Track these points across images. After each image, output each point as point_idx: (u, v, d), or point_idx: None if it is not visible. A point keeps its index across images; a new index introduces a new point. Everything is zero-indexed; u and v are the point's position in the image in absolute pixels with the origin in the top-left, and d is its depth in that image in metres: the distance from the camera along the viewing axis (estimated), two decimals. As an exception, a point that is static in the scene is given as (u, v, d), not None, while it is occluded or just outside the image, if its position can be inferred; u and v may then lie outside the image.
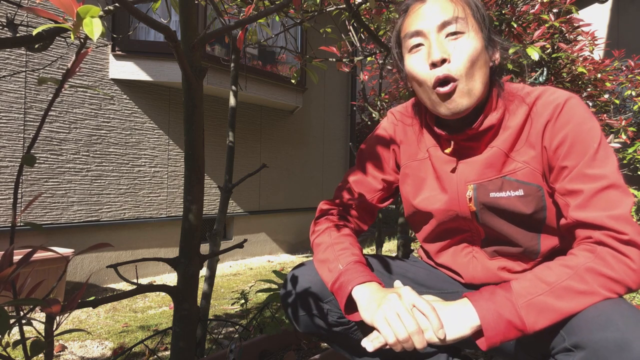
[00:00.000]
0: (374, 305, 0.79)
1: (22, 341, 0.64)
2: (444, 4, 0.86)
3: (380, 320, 0.76)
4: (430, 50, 0.85)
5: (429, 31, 0.85)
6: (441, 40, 0.85)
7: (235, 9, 1.78)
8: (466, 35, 0.84)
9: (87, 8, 0.59)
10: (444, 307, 0.77)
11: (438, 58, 0.83)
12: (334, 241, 0.97)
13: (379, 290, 0.83)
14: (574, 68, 2.30)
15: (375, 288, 0.84)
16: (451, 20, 0.84)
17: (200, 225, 0.87)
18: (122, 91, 3.46)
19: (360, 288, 0.85)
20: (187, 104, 0.84)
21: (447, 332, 0.73)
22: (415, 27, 0.87)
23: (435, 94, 0.86)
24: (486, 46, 0.87)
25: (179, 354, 0.88)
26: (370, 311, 0.79)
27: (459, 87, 0.83)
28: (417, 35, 0.87)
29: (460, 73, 0.83)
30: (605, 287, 0.71)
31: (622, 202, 0.75)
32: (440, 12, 0.85)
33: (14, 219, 0.67)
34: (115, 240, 3.43)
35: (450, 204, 0.94)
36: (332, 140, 5.69)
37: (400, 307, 0.75)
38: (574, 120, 0.81)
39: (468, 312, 0.74)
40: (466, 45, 0.84)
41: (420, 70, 0.87)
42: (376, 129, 1.09)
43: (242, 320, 2.31)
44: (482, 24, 0.87)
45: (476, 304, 0.74)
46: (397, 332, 0.73)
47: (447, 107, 0.85)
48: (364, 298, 0.83)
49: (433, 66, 0.84)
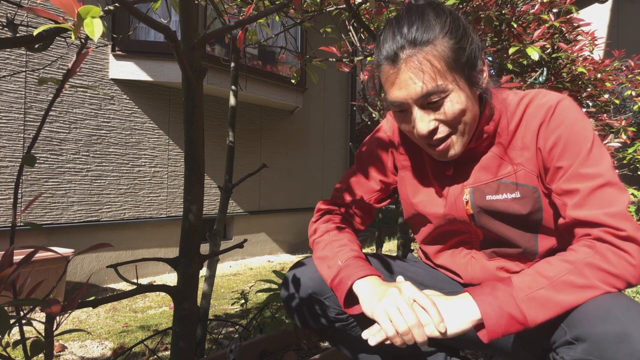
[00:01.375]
0: (375, 298, 0.80)
1: (22, 341, 0.64)
2: (417, 72, 0.79)
3: (380, 313, 0.77)
4: (416, 125, 0.84)
5: (410, 104, 0.82)
6: (423, 113, 0.82)
7: (235, 9, 1.78)
8: (449, 96, 0.81)
9: (87, 8, 0.59)
10: (445, 301, 0.77)
11: (425, 133, 0.83)
12: (333, 239, 0.98)
13: (380, 284, 0.84)
14: (574, 68, 2.30)
15: (376, 281, 0.85)
16: (429, 92, 0.79)
17: (200, 225, 0.87)
18: (122, 91, 3.46)
19: (361, 282, 0.86)
20: (187, 104, 0.84)
21: (447, 326, 0.74)
22: (395, 98, 0.83)
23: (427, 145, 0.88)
24: (471, 87, 0.83)
25: (179, 354, 0.88)
26: (372, 304, 0.80)
27: (452, 140, 0.85)
28: (399, 107, 0.85)
29: (452, 132, 0.84)
30: (605, 282, 0.72)
31: (618, 199, 0.76)
32: (416, 84, 0.79)
33: (14, 219, 0.67)
34: (115, 240, 3.43)
35: (448, 208, 0.95)
36: (332, 140, 5.69)
37: (400, 301, 0.76)
38: (566, 121, 0.82)
39: (469, 306, 0.75)
40: (451, 107, 0.81)
41: (409, 131, 0.88)
42: (375, 130, 1.10)
43: (242, 320, 2.31)
44: (461, 69, 0.81)
45: (477, 298, 0.75)
46: (398, 325, 0.74)
47: (443, 157, 0.88)
48: (365, 291, 0.84)
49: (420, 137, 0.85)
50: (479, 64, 0.85)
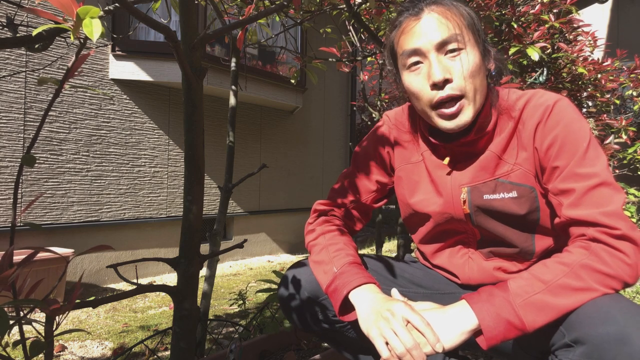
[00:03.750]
0: (371, 317, 0.80)
1: (22, 341, 0.64)
2: (439, 20, 0.84)
3: (376, 336, 0.77)
4: (431, 71, 0.84)
5: (428, 50, 0.84)
6: (441, 59, 0.84)
7: (235, 9, 1.78)
8: (465, 50, 0.84)
9: (86, 9, 0.59)
10: (440, 315, 0.77)
11: (440, 79, 0.82)
12: (328, 242, 0.97)
13: (376, 297, 0.83)
14: (574, 68, 2.30)
15: (372, 292, 0.85)
16: (449, 39, 0.83)
17: (200, 225, 0.87)
18: (122, 91, 3.46)
19: (357, 292, 0.86)
20: (187, 104, 0.84)
21: (444, 342, 0.74)
22: (413, 45, 0.85)
23: (437, 112, 0.86)
24: (483, 57, 0.87)
25: (179, 354, 0.88)
26: (367, 324, 0.80)
27: (464, 104, 0.84)
28: (414, 55, 0.86)
29: (465, 90, 0.83)
30: (601, 283, 0.71)
31: (613, 198, 0.76)
32: (437, 29, 0.83)
33: (14, 219, 0.67)
34: (115, 241, 3.43)
35: (445, 207, 0.95)
36: (332, 140, 5.69)
37: (396, 324, 0.76)
38: (563, 121, 0.83)
39: (466, 315, 0.75)
40: (467, 62, 0.83)
41: (420, 89, 0.87)
42: (372, 131, 1.10)
43: (242, 320, 2.31)
44: (478, 35, 0.87)
45: (474, 305, 0.75)
46: (395, 348, 0.74)
47: (453, 123, 0.86)
48: (362, 304, 0.83)
49: (434, 87, 0.84)
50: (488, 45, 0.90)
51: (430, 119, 0.89)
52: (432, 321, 0.76)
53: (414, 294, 1.03)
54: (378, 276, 1.03)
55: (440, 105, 0.85)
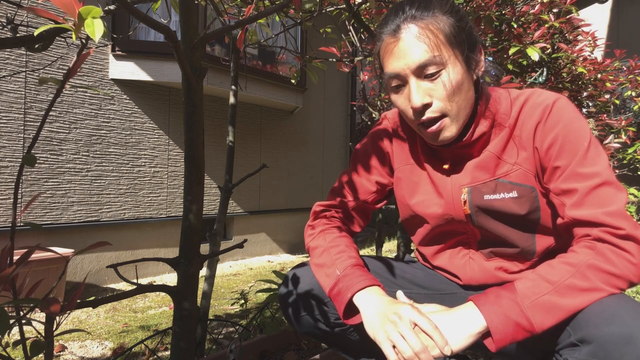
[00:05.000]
0: (377, 320, 0.80)
1: (22, 341, 0.64)
2: (416, 42, 0.81)
3: (383, 339, 0.77)
4: (410, 97, 0.84)
5: (407, 75, 0.83)
6: (420, 84, 0.83)
7: (235, 9, 1.78)
8: (445, 70, 0.82)
9: (88, 9, 0.59)
10: (448, 317, 0.76)
11: (418, 105, 0.83)
12: (330, 244, 0.97)
13: (381, 299, 0.83)
14: (574, 68, 2.30)
15: (376, 295, 0.84)
16: (427, 62, 0.81)
17: (200, 225, 0.87)
18: (122, 91, 3.46)
19: (361, 294, 0.85)
20: (187, 104, 0.84)
21: (453, 345, 0.73)
22: (392, 69, 0.84)
23: (421, 131, 0.88)
24: (467, 68, 0.85)
25: (179, 354, 0.88)
26: (373, 327, 0.80)
27: (445, 123, 0.84)
28: (396, 78, 0.85)
29: (445, 109, 0.83)
30: (608, 283, 0.71)
31: (616, 198, 0.76)
32: (415, 52, 0.81)
33: (14, 219, 0.67)
34: (115, 240, 3.43)
35: (445, 208, 0.95)
36: (332, 140, 5.69)
37: (403, 327, 0.75)
38: (563, 121, 0.82)
39: (474, 316, 0.74)
40: (447, 82, 0.82)
41: (404, 109, 0.88)
42: (371, 131, 1.09)
43: (242, 320, 2.31)
44: (459, 46, 0.83)
45: (482, 307, 0.74)
46: (403, 351, 0.73)
47: (435, 139, 0.87)
48: (367, 307, 0.83)
49: (414, 111, 0.84)
50: (477, 50, 0.88)
51: (420, 133, 0.91)
52: (440, 324, 0.75)
53: (416, 295, 1.03)
54: (379, 277, 1.02)
55: (422, 125, 0.86)
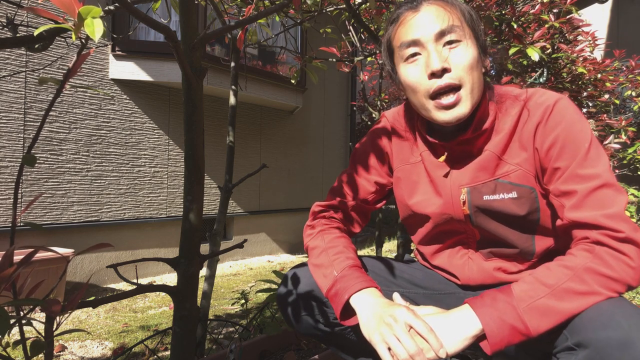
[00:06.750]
0: (373, 322, 0.79)
1: (22, 341, 0.64)
2: (438, 12, 0.84)
3: (379, 342, 0.76)
4: (429, 61, 0.83)
5: (426, 40, 0.84)
6: (439, 49, 0.84)
7: (235, 9, 1.78)
8: (463, 43, 0.84)
9: (88, 8, 0.59)
10: (444, 320, 0.76)
11: (439, 67, 0.82)
12: (328, 245, 0.97)
13: (378, 301, 0.83)
14: (574, 68, 2.30)
15: (373, 299, 0.84)
16: (448, 29, 0.83)
17: (200, 225, 0.87)
18: (122, 91, 3.46)
19: (358, 296, 0.85)
20: (187, 104, 0.84)
21: (448, 347, 0.73)
22: (411, 36, 0.85)
23: (434, 103, 0.85)
24: (480, 53, 0.88)
25: (179, 354, 0.88)
26: (369, 329, 0.80)
27: (461, 95, 0.83)
28: (413, 45, 0.86)
29: (463, 80, 0.83)
30: (606, 287, 0.71)
31: (616, 200, 0.75)
32: (436, 20, 0.84)
33: (14, 219, 0.67)
34: (115, 240, 3.43)
35: (445, 208, 0.94)
36: (332, 140, 5.69)
37: (398, 329, 0.75)
38: (564, 121, 0.82)
39: (470, 320, 0.74)
40: (465, 53, 0.83)
41: (417, 79, 0.86)
42: (369, 132, 1.09)
43: (242, 320, 2.31)
44: (476, 32, 0.87)
45: (478, 310, 0.74)
46: (398, 354, 0.73)
47: (450, 114, 0.84)
48: (363, 309, 0.83)
49: (432, 76, 0.83)
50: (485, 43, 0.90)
51: (428, 112, 0.87)
52: (435, 326, 0.75)
53: (414, 295, 1.03)
54: (377, 277, 1.02)
55: (437, 96, 0.84)
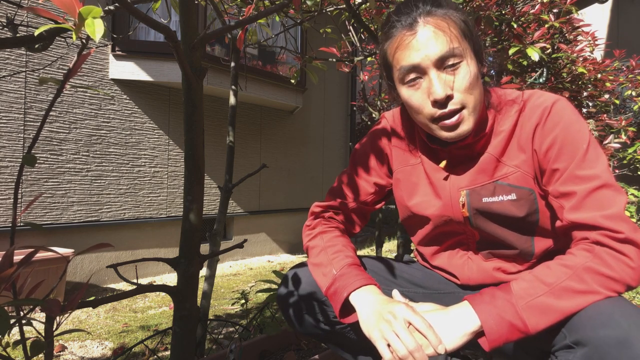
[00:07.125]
0: (372, 319, 0.80)
1: (22, 341, 0.64)
2: (437, 35, 0.80)
3: (378, 338, 0.77)
4: (432, 89, 0.81)
5: (427, 67, 0.81)
6: (441, 75, 0.81)
7: (235, 9, 1.78)
8: (464, 62, 0.82)
9: (89, 9, 0.59)
10: (443, 316, 0.77)
11: (442, 96, 0.80)
12: (327, 244, 0.97)
13: (377, 298, 0.83)
14: (574, 68, 2.30)
15: (372, 294, 0.84)
16: (448, 54, 0.80)
17: (200, 225, 0.87)
18: (122, 91, 3.46)
19: (357, 294, 0.85)
20: (187, 104, 0.84)
21: (447, 343, 0.74)
22: (411, 61, 0.82)
23: (438, 125, 0.85)
24: (479, 65, 0.86)
25: (179, 354, 0.88)
26: (368, 326, 0.80)
27: (464, 115, 0.83)
28: (413, 71, 0.83)
29: (466, 101, 0.82)
30: (605, 286, 0.71)
31: (615, 200, 0.75)
32: (435, 44, 0.80)
33: (14, 219, 0.67)
34: (115, 240, 3.43)
35: (444, 209, 0.95)
36: (332, 140, 5.69)
37: (398, 326, 0.75)
38: (562, 123, 0.82)
39: (469, 316, 0.75)
40: (466, 75, 0.81)
41: (420, 104, 0.85)
42: (369, 132, 1.09)
43: (242, 320, 2.31)
44: (470, 41, 0.85)
45: (477, 307, 0.75)
46: (397, 350, 0.73)
47: (454, 133, 0.84)
48: (362, 306, 0.83)
49: (435, 104, 0.82)
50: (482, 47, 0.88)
51: (431, 130, 0.88)
52: (434, 323, 0.75)
53: (413, 294, 1.03)
54: (377, 277, 1.02)
55: (441, 119, 0.84)
